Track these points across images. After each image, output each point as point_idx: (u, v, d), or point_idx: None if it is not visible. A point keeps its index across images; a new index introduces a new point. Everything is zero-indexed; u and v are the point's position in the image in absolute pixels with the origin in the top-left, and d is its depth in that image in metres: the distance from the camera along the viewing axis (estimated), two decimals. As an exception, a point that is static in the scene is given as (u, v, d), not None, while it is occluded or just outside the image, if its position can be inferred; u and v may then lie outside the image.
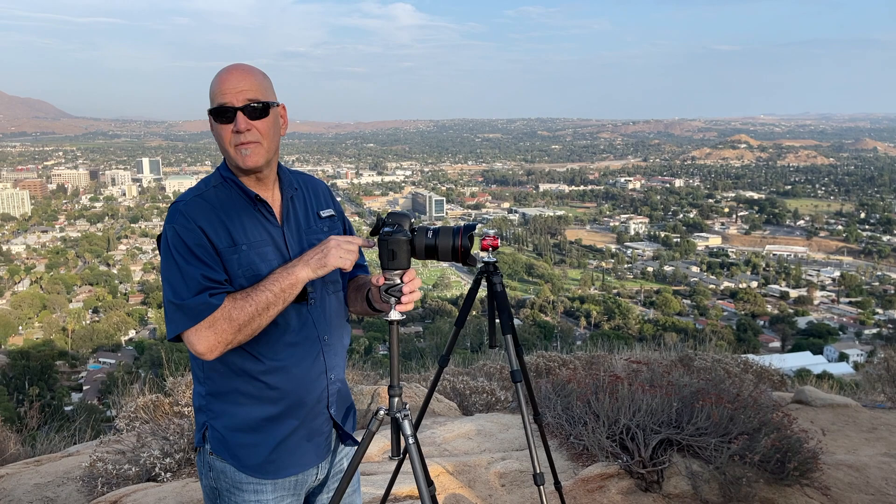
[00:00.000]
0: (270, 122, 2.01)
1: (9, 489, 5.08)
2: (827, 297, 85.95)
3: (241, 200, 2.03)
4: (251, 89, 1.98)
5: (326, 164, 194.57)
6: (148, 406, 5.92)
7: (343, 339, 2.23)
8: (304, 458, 2.11)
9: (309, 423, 2.09)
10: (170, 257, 1.95)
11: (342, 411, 2.22)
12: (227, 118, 1.97)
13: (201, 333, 1.88)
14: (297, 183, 2.21)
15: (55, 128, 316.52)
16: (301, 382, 2.05)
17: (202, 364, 2.05)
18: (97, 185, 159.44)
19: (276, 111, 2.05)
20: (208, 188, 2.04)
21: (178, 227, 1.95)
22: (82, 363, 55.57)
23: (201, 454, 2.12)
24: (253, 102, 1.97)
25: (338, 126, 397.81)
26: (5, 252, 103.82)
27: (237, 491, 2.06)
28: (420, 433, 5.32)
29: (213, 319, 1.88)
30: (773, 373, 8.10)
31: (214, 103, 1.98)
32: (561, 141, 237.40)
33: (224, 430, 2.05)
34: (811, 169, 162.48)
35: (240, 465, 2.04)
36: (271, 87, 2.06)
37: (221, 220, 1.97)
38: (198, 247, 1.92)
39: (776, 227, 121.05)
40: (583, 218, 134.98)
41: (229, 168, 2.07)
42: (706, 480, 4.32)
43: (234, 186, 2.04)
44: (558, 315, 74.39)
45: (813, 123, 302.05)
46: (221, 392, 2.05)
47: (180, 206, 1.98)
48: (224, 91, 1.96)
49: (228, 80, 1.98)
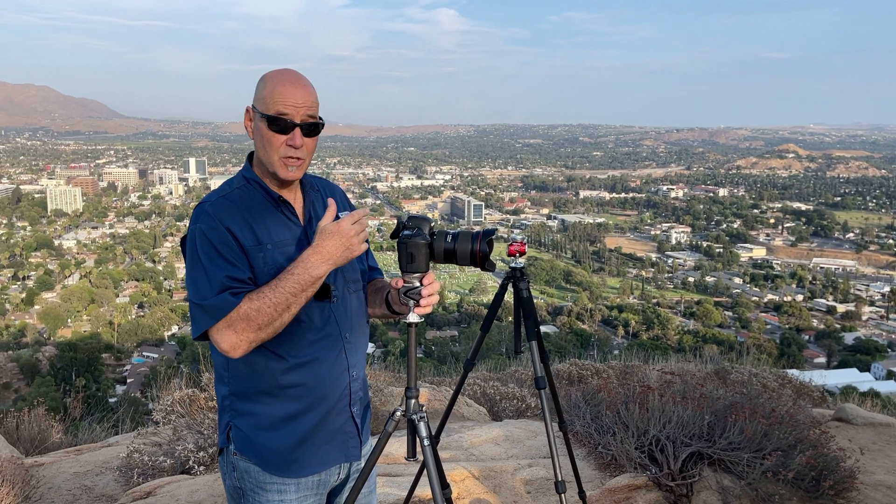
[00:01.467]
0: (317, 140, 2.07)
1: (49, 477, 5.25)
2: (876, 312, 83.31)
3: (264, 201, 2.06)
4: (311, 106, 2.01)
5: (367, 167, 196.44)
6: (184, 400, 6.06)
7: (364, 337, 2.25)
8: (328, 456, 2.12)
9: (332, 421, 2.11)
10: (195, 257, 1.96)
11: (362, 411, 2.24)
12: (281, 128, 1.98)
13: (223, 333, 1.90)
14: (317, 185, 2.26)
15: (107, 127, 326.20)
16: (324, 380, 2.07)
17: (227, 363, 2.07)
18: (145, 183, 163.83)
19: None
20: (232, 189, 2.06)
21: (205, 227, 1.96)
22: (127, 356, 57.04)
23: (225, 455, 2.14)
24: (312, 121, 2.01)
25: (379, 129, 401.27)
26: (57, 246, 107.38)
27: (261, 491, 2.07)
28: (447, 437, 5.34)
29: (230, 319, 1.89)
30: (813, 389, 7.88)
31: (271, 110, 1.97)
32: (603, 147, 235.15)
33: (248, 429, 2.06)
34: (862, 180, 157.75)
35: (264, 464, 2.06)
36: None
37: (246, 219, 1.99)
38: (223, 246, 1.94)
39: (824, 240, 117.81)
40: (623, 226, 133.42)
41: (253, 170, 2.11)
42: (737, 496, 4.23)
43: (257, 188, 2.07)
44: (596, 323, 73.62)
45: (865, 134, 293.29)
46: (245, 391, 2.06)
47: (206, 207, 2.00)
48: (286, 102, 1.97)
49: (294, 92, 1.98)
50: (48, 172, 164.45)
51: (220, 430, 2.15)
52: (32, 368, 44.35)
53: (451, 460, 4.82)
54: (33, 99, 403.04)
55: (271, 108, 1.98)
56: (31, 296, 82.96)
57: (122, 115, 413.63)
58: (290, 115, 1.97)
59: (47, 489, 5.04)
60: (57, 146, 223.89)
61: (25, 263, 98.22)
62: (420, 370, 13.14)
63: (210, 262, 1.94)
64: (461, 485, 4.34)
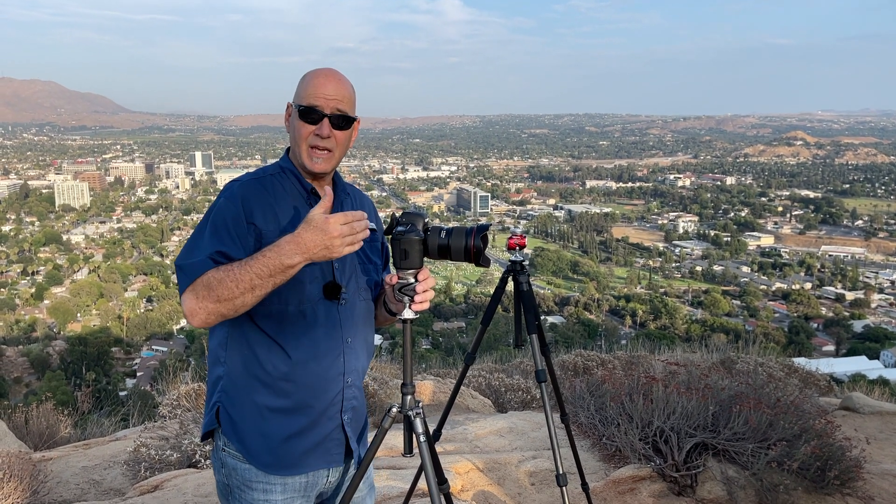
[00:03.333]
0: (348, 134, 2.12)
1: (58, 471, 5.29)
2: (885, 300, 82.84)
3: (295, 191, 2.10)
4: (342, 100, 2.07)
5: (373, 160, 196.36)
6: (190, 394, 6.09)
7: (366, 347, 2.23)
8: (313, 459, 2.11)
9: (320, 424, 2.09)
10: (203, 224, 2.00)
11: (356, 425, 2.20)
12: (312, 119, 2.05)
13: (186, 296, 1.91)
14: (349, 191, 2.29)
15: (114, 122, 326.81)
16: (318, 380, 2.06)
17: (225, 344, 2.08)
18: (152, 177, 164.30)
19: (354, 125, 2.15)
20: (266, 175, 2.10)
21: (225, 202, 2.00)
22: (136, 350, 57.44)
23: (215, 451, 2.15)
24: (340, 113, 2.06)
25: (384, 121, 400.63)
26: (66, 241, 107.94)
27: (247, 489, 2.08)
28: (452, 429, 5.35)
29: (195, 285, 1.89)
30: (820, 378, 7.86)
31: (304, 102, 2.05)
32: (609, 137, 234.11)
33: (235, 414, 2.07)
34: (871, 167, 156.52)
35: (247, 454, 2.06)
36: (355, 101, 2.15)
37: (272, 205, 2.03)
38: (234, 223, 1.96)
39: (833, 228, 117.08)
40: (630, 215, 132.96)
41: (290, 161, 2.15)
42: (742, 486, 4.23)
43: (292, 178, 2.12)
44: (603, 313, 73.52)
45: (873, 120, 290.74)
46: (240, 375, 2.06)
47: (236, 185, 2.05)
48: (317, 94, 2.04)
49: (326, 85, 2.06)
50: (55, 168, 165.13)
51: (206, 412, 2.15)
52: (43, 363, 44.74)
53: (455, 452, 4.83)
54: (39, 95, 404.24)
55: (304, 100, 2.06)
56: (40, 291, 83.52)
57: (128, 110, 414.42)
58: (321, 106, 2.05)
59: (56, 483, 5.08)
60: (64, 141, 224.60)
61: (34, 259, 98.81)
62: (427, 361, 13.18)
63: (212, 233, 1.97)
64: (465, 477, 4.35)
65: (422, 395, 6.33)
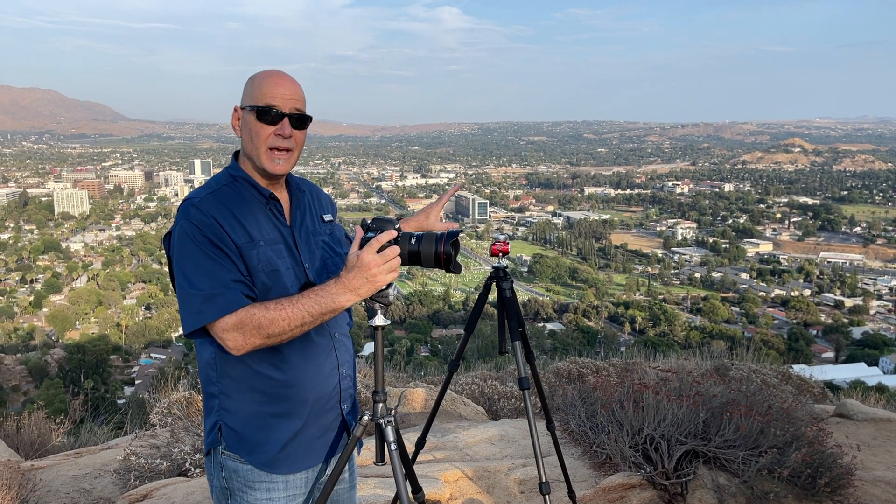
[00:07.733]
0: (305, 134, 2.09)
1: (47, 480, 5.26)
2: (884, 306, 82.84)
3: (253, 198, 2.05)
4: (299, 99, 2.05)
5: (371, 167, 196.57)
6: (181, 402, 6.07)
7: (349, 337, 2.27)
8: (316, 453, 2.13)
9: (321, 418, 2.11)
10: (190, 251, 1.93)
11: (354, 413, 2.25)
12: (270, 119, 2.00)
13: (230, 333, 1.89)
14: (304, 187, 2.26)
15: (113, 130, 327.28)
16: (315, 378, 2.08)
17: (214, 363, 2.05)
18: (151, 185, 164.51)
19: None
20: (219, 186, 2.05)
21: (196, 221, 1.93)
22: (135, 358, 57.22)
23: (212, 455, 2.12)
24: (299, 112, 2.04)
25: (383, 129, 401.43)
26: (64, 249, 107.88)
27: (249, 490, 2.07)
28: (443, 437, 5.33)
29: (241, 323, 1.88)
30: (814, 385, 7.84)
31: (261, 102, 2.00)
32: (607, 144, 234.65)
33: (239, 427, 2.05)
34: (869, 174, 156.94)
35: (254, 461, 2.05)
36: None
37: (236, 216, 1.98)
38: (220, 241, 1.93)
39: (831, 234, 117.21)
40: (629, 222, 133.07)
41: (241, 167, 2.10)
42: (732, 494, 4.21)
43: (246, 185, 2.06)
44: (602, 320, 73.47)
45: (871, 127, 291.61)
46: (235, 390, 2.05)
47: (195, 202, 1.97)
48: (274, 94, 2.00)
49: (280, 85, 2.02)
50: (55, 176, 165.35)
51: (207, 432, 2.12)
52: (41, 371, 44.55)
53: (445, 460, 4.81)
54: (39, 103, 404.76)
55: (260, 100, 2.01)
56: (38, 298, 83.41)
57: (128, 118, 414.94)
58: (279, 106, 2.01)
59: (45, 492, 5.05)
60: (63, 149, 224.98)
61: (33, 266, 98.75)
62: (424, 368, 13.17)
63: (207, 257, 1.92)
64: (454, 485, 4.34)
65: (413, 402, 6.31)
